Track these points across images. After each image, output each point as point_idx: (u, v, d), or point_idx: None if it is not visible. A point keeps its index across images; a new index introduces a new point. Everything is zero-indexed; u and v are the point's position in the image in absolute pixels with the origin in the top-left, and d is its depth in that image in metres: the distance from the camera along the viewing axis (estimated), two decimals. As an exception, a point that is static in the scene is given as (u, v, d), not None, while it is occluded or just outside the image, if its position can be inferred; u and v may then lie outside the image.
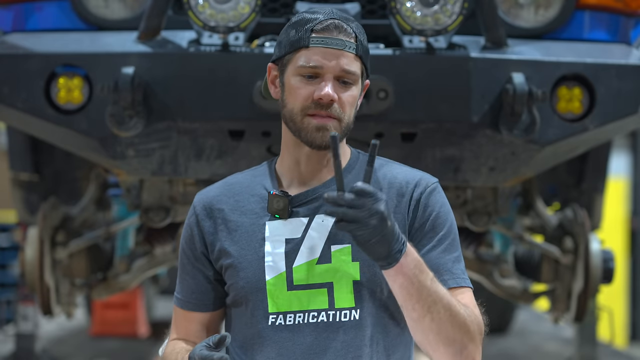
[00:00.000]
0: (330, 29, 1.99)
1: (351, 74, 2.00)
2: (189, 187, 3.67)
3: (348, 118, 2.01)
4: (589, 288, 4.04)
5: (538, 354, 7.61)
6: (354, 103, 2.03)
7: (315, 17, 2.01)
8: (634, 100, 3.30)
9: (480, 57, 3.20)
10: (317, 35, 1.99)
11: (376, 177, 2.06)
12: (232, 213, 2.07)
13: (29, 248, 4.03)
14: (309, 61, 1.99)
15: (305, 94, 1.99)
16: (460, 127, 3.24)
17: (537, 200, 4.29)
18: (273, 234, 2.03)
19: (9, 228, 9.36)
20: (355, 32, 2.01)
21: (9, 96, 3.24)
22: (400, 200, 2.04)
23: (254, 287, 2.01)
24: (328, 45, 1.98)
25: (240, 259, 2.03)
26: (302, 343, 1.98)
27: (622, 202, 11.02)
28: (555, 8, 3.45)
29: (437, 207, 2.04)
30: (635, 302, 10.79)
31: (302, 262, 2.01)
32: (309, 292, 1.99)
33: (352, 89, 2.01)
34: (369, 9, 3.38)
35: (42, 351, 6.80)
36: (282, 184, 2.07)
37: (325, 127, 1.99)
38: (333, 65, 1.98)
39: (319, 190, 2.04)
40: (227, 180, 2.14)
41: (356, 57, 2.00)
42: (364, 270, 2.00)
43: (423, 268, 1.90)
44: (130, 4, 3.44)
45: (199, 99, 3.18)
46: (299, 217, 2.03)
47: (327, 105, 1.98)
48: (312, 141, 2.00)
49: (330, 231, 2.01)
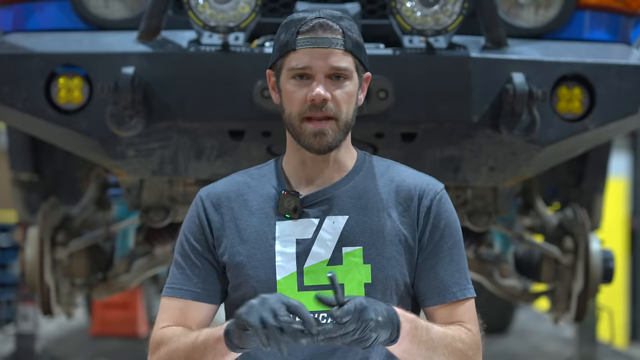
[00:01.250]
0: (315, 28, 1.98)
1: (342, 70, 1.99)
2: (189, 187, 3.67)
3: (346, 115, 2.00)
4: (589, 288, 4.04)
5: (538, 354, 7.61)
6: (351, 99, 2.01)
7: (301, 18, 2.01)
8: (634, 100, 3.30)
9: (480, 57, 3.20)
10: (302, 37, 1.99)
11: (384, 180, 2.06)
12: (241, 212, 2.06)
13: (29, 248, 4.03)
14: (297, 63, 1.99)
15: (300, 97, 1.99)
16: (460, 127, 3.24)
17: (537, 200, 4.29)
18: (283, 234, 2.02)
19: (9, 228, 9.37)
20: (342, 28, 1.99)
21: (9, 96, 3.24)
22: (409, 204, 2.04)
23: (264, 287, 2.00)
24: (314, 45, 1.98)
25: (250, 258, 2.03)
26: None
27: (622, 202, 11.01)
28: (555, 8, 3.45)
29: (446, 215, 2.06)
30: (635, 302, 10.78)
31: (313, 263, 2.01)
32: (320, 293, 1.99)
33: (346, 84, 2.00)
34: (369, 9, 3.38)
35: (42, 351, 6.81)
36: (291, 184, 2.07)
37: (322, 132, 1.99)
38: (321, 64, 1.98)
39: (329, 191, 2.04)
40: (233, 177, 2.12)
41: (345, 52, 1.99)
42: (375, 272, 2.00)
43: (418, 324, 1.93)
44: (130, 4, 3.44)
45: (199, 99, 3.18)
46: (310, 218, 2.02)
47: (321, 105, 1.98)
48: (310, 147, 2.00)
49: (341, 233, 2.01)
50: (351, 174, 2.06)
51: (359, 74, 2.04)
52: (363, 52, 2.04)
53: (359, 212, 2.03)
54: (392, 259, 2.01)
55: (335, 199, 2.03)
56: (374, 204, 2.04)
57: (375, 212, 2.03)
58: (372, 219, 2.02)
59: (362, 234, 2.01)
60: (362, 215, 2.02)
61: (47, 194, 4.25)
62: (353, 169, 2.07)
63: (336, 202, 2.03)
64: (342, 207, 2.03)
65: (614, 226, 10.19)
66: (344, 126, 2.01)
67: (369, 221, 2.02)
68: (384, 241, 2.01)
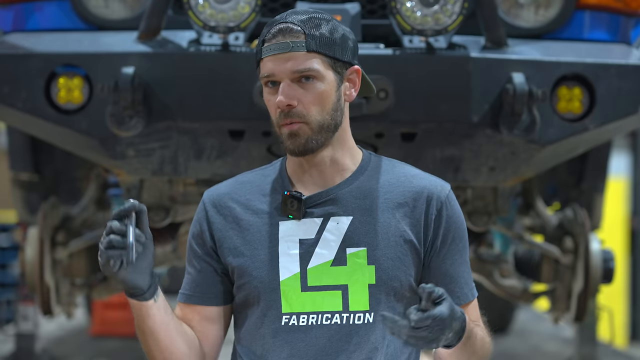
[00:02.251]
0: (277, 35, 1.98)
1: (306, 72, 1.97)
2: (189, 187, 3.67)
3: (318, 116, 1.98)
4: (589, 288, 4.04)
5: (538, 354, 7.61)
6: (323, 99, 1.98)
7: (269, 24, 2.01)
8: (634, 100, 3.30)
9: (480, 57, 3.20)
10: (266, 45, 1.98)
11: (390, 180, 2.05)
12: (244, 212, 2.06)
13: (29, 248, 4.03)
14: (264, 72, 1.99)
15: (274, 105, 1.99)
16: (460, 127, 3.24)
17: (537, 200, 4.29)
18: (286, 234, 2.02)
19: (9, 228, 9.37)
20: (305, 29, 1.97)
21: (9, 96, 3.24)
22: (416, 205, 2.03)
23: (267, 287, 2.00)
24: (274, 52, 1.97)
25: (253, 258, 2.02)
26: (315, 344, 1.98)
27: (622, 202, 11.01)
28: (555, 8, 3.45)
29: (456, 217, 2.07)
30: (635, 302, 10.79)
31: (316, 264, 2.00)
32: (323, 293, 1.99)
33: (315, 85, 1.97)
34: (369, 9, 3.38)
35: (42, 351, 6.81)
36: (294, 185, 2.06)
37: (294, 133, 1.98)
38: (283, 69, 1.96)
39: (333, 191, 2.03)
40: (238, 178, 2.12)
41: (309, 53, 1.97)
42: (379, 273, 2.00)
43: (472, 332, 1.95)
44: (130, 4, 3.44)
45: (199, 99, 3.18)
46: (313, 218, 2.02)
47: (288, 111, 1.97)
48: (288, 149, 2.00)
49: (345, 234, 2.01)
50: (355, 174, 2.05)
51: (336, 71, 2.00)
52: (338, 48, 2.00)
53: (364, 213, 2.02)
54: (397, 260, 2.01)
55: (339, 200, 2.02)
56: (379, 205, 2.03)
57: (380, 212, 2.02)
58: (377, 219, 2.02)
59: (367, 234, 2.01)
60: (366, 216, 2.02)
61: (47, 194, 4.25)
62: (357, 169, 2.06)
63: (340, 203, 2.02)
64: (346, 208, 2.02)
65: (614, 226, 10.19)
66: (318, 127, 1.98)
67: (374, 222, 2.01)
68: (388, 242, 2.01)
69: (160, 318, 1.98)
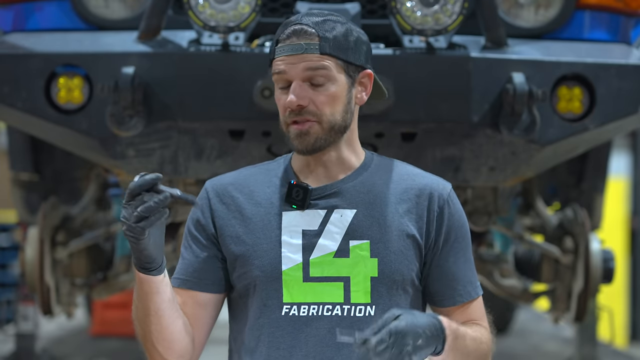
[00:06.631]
0: (291, 36, 1.99)
1: (319, 73, 1.99)
2: (189, 187, 3.67)
3: (331, 116, 2.00)
4: (589, 288, 4.05)
5: (538, 354, 7.62)
6: (335, 100, 2.00)
7: (284, 24, 2.03)
8: (634, 100, 3.30)
9: (480, 57, 3.20)
10: (280, 45, 2.00)
11: (392, 177, 2.07)
12: (247, 202, 2.06)
13: (29, 248, 4.03)
14: (277, 71, 2.01)
15: (284, 104, 2.01)
16: (460, 127, 3.24)
17: (537, 200, 4.30)
18: (290, 225, 2.03)
19: (9, 228, 9.37)
20: (319, 32, 1.99)
21: (9, 96, 3.24)
22: (417, 201, 2.05)
23: (269, 277, 2.01)
24: (288, 53, 1.99)
25: (255, 247, 2.03)
26: (315, 335, 1.98)
27: (622, 202, 11.01)
28: (555, 8, 3.45)
29: (459, 216, 2.09)
30: (635, 302, 10.78)
31: (319, 255, 2.01)
32: (325, 284, 2.00)
33: (327, 87, 1.99)
34: (369, 9, 3.38)
35: (42, 351, 6.81)
36: (300, 179, 2.07)
37: (304, 133, 1.99)
38: (295, 70, 1.98)
39: (337, 185, 2.04)
40: (241, 171, 2.13)
41: (323, 55, 1.99)
42: (382, 266, 2.01)
43: (458, 333, 1.94)
44: (130, 4, 3.44)
45: (199, 98, 3.18)
46: (317, 209, 2.03)
47: (298, 111, 1.99)
48: (296, 148, 2.01)
49: (349, 226, 2.02)
50: (359, 170, 2.06)
51: (348, 74, 2.02)
52: (352, 52, 2.02)
53: (367, 207, 2.03)
54: (400, 253, 2.02)
55: (344, 193, 2.04)
56: (382, 199, 2.04)
57: (383, 207, 2.03)
58: (380, 213, 2.03)
59: (370, 227, 2.02)
60: (370, 210, 2.03)
61: (47, 194, 4.26)
62: (361, 166, 2.07)
63: (344, 196, 2.03)
64: (350, 201, 2.03)
65: (614, 226, 10.19)
66: (330, 127, 2.00)
67: (377, 215, 2.03)
68: (391, 236, 2.02)
69: (167, 296, 1.98)
